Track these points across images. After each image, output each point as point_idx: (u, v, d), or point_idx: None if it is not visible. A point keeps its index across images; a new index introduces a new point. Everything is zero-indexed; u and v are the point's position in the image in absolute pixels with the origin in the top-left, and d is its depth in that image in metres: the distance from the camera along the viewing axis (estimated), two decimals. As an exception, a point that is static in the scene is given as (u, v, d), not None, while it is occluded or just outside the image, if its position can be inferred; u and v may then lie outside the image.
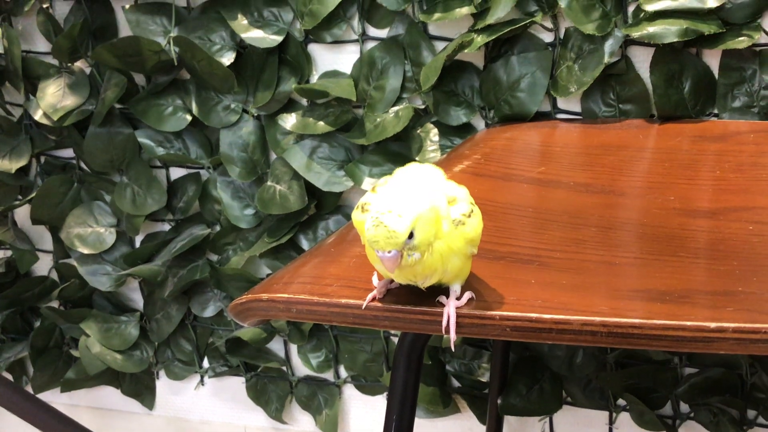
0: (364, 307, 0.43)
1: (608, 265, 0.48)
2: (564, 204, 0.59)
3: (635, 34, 0.72)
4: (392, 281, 0.44)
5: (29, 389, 1.05)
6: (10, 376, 1.06)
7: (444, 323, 0.42)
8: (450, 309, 0.42)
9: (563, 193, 0.61)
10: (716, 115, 0.76)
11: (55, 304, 1.03)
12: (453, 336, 0.42)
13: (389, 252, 0.38)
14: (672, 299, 0.42)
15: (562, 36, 0.77)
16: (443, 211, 0.41)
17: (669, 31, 0.71)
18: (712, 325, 0.38)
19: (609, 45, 0.75)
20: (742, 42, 0.71)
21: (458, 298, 0.43)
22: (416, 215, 0.38)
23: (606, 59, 0.75)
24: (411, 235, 0.38)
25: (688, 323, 0.38)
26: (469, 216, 0.42)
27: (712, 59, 0.75)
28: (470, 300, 0.43)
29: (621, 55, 0.76)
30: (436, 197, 0.41)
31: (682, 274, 0.46)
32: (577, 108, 0.79)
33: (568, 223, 0.56)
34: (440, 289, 0.43)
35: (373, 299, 0.44)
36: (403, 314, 0.42)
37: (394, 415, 0.53)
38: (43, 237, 1.02)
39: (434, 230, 0.40)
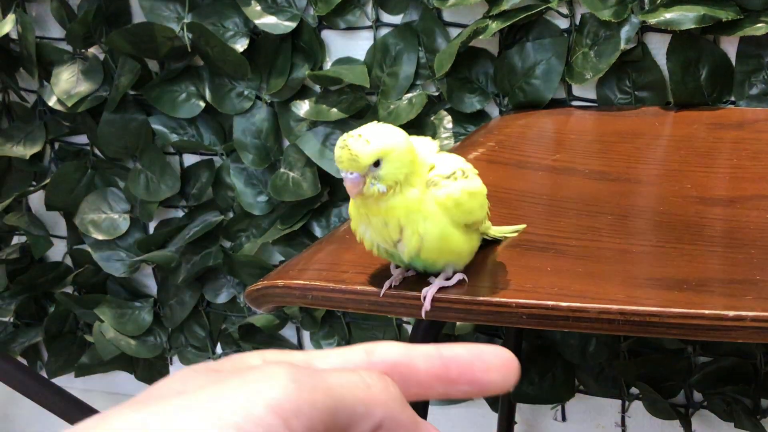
0: (382, 294, 0.43)
1: (624, 253, 0.48)
2: (579, 191, 0.59)
3: (652, 20, 0.72)
4: (408, 269, 0.44)
5: (44, 374, 1.06)
6: (24, 361, 1.07)
7: (422, 297, 0.42)
8: (432, 286, 0.43)
9: (578, 180, 0.61)
10: (733, 103, 0.75)
11: (69, 289, 1.03)
12: (427, 306, 0.42)
13: (351, 173, 0.38)
14: (689, 287, 0.42)
15: (577, 22, 0.77)
16: (424, 165, 0.41)
17: (686, 17, 0.70)
18: (731, 313, 0.38)
19: (625, 31, 0.74)
20: (760, 29, 0.70)
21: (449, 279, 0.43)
22: (386, 145, 0.39)
23: (622, 46, 0.74)
24: (378, 164, 0.39)
25: (707, 312, 0.38)
26: (450, 179, 0.41)
27: (730, 46, 0.75)
28: (461, 282, 0.43)
29: (637, 42, 0.76)
30: (420, 151, 0.41)
31: (700, 263, 0.46)
32: (593, 95, 0.79)
33: (584, 210, 0.55)
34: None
35: (390, 287, 0.43)
36: (419, 301, 0.42)
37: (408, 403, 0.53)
38: (57, 223, 1.03)
39: (407, 170, 0.39)
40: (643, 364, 0.83)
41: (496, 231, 0.49)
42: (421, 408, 0.54)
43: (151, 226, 0.98)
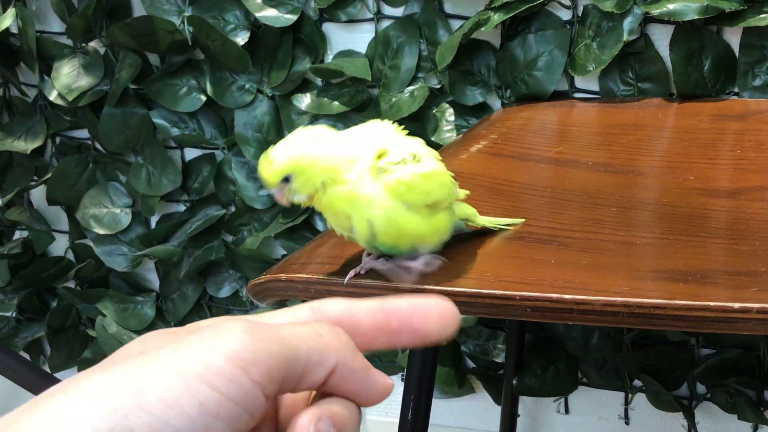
0: (345, 282, 0.44)
1: (628, 246, 0.48)
2: (582, 184, 0.58)
3: (655, 11, 0.71)
4: (379, 257, 0.44)
5: (46, 368, 1.06)
6: (27, 356, 1.07)
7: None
8: (368, 259, 0.45)
9: (581, 172, 0.61)
10: (737, 94, 0.75)
11: (71, 284, 1.03)
12: (349, 275, 0.44)
13: (273, 189, 0.42)
14: (694, 279, 0.42)
15: (580, 13, 0.76)
16: (362, 159, 0.42)
17: (689, 8, 0.70)
18: (736, 305, 0.38)
19: (628, 22, 0.74)
20: (763, 19, 0.70)
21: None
22: (288, 163, 0.41)
23: (625, 37, 0.74)
24: (288, 179, 0.42)
25: (712, 304, 0.38)
26: (400, 164, 0.42)
27: (733, 37, 0.74)
28: (429, 264, 0.44)
29: (640, 33, 0.75)
30: (345, 147, 0.42)
31: (704, 255, 0.46)
32: (595, 87, 0.78)
33: (587, 203, 0.55)
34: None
35: (357, 274, 0.44)
36: (423, 294, 0.42)
37: (412, 396, 0.53)
38: (59, 217, 1.02)
39: (322, 177, 0.42)
40: (647, 357, 0.82)
41: (486, 221, 0.48)
42: (425, 400, 0.54)
43: (153, 221, 0.98)
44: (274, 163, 0.41)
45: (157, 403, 0.23)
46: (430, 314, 0.29)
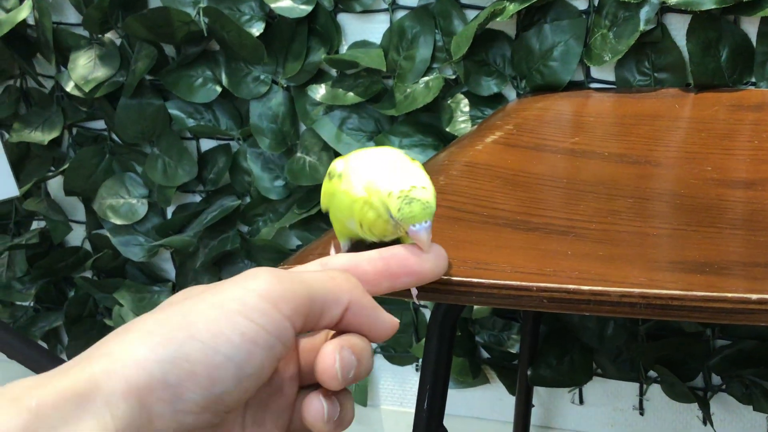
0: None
1: (645, 236, 0.48)
2: (598, 175, 0.58)
3: (672, 1, 0.71)
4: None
5: (64, 357, 1.07)
6: (45, 345, 1.08)
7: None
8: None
9: (597, 163, 0.60)
10: (754, 84, 0.74)
11: (88, 274, 1.04)
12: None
13: (425, 222, 0.37)
14: (711, 271, 0.41)
15: (596, 3, 0.76)
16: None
17: (707, -3, 0.70)
18: (754, 296, 0.37)
19: (644, 12, 0.73)
20: (782, 8, 0.69)
21: None
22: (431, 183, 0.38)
23: (641, 27, 0.73)
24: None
25: (729, 295, 0.38)
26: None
27: (751, 26, 0.74)
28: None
29: (657, 23, 0.75)
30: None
31: (721, 246, 0.46)
32: (611, 77, 0.78)
33: (603, 193, 0.55)
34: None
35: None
36: (439, 285, 0.42)
37: (428, 386, 0.53)
38: (76, 208, 1.03)
39: None
40: (662, 348, 0.82)
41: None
42: (440, 390, 0.54)
43: (169, 211, 0.98)
44: (428, 186, 0.37)
45: (206, 333, 0.27)
46: (425, 255, 0.34)
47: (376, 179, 0.39)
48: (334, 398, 0.31)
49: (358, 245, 0.42)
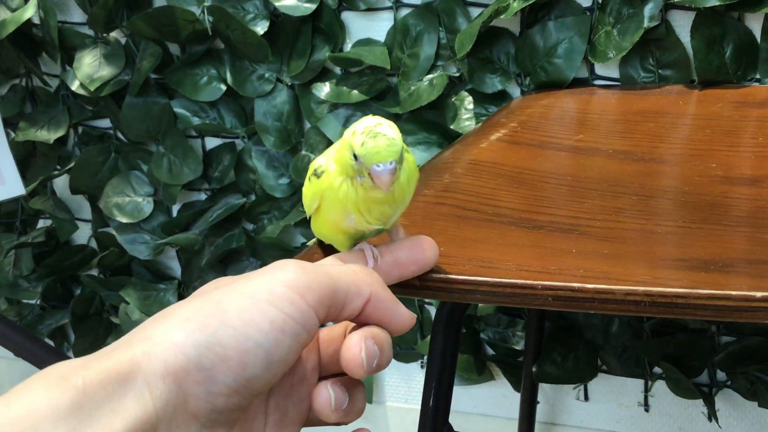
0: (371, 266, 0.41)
1: (649, 234, 0.48)
2: (603, 172, 0.58)
3: (676, -3, 0.71)
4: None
5: (71, 355, 1.07)
6: (52, 343, 1.09)
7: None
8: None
9: (602, 160, 0.60)
10: (758, 81, 0.74)
11: (95, 272, 1.05)
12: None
13: (390, 163, 0.34)
14: (716, 268, 0.42)
15: (600, 0, 0.76)
16: None
17: (711, -6, 0.69)
18: (758, 294, 0.38)
19: (649, 9, 0.73)
20: (787, 5, 0.69)
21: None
22: (400, 139, 0.35)
23: (646, 24, 0.73)
24: (401, 158, 0.36)
25: (734, 293, 0.38)
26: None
27: (755, 23, 0.74)
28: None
29: (661, 20, 0.75)
30: None
31: (726, 243, 0.46)
32: (616, 74, 0.78)
33: (608, 191, 0.55)
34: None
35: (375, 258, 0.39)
36: (445, 283, 0.42)
37: (433, 383, 0.53)
38: (82, 206, 1.04)
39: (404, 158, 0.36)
40: (667, 344, 0.82)
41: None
42: (446, 387, 0.55)
43: (175, 209, 0.99)
44: (393, 127, 0.35)
45: (238, 321, 0.28)
46: (424, 245, 0.37)
47: (329, 162, 0.38)
48: (344, 388, 0.32)
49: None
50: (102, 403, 0.26)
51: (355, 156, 0.35)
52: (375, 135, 0.35)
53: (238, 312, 0.28)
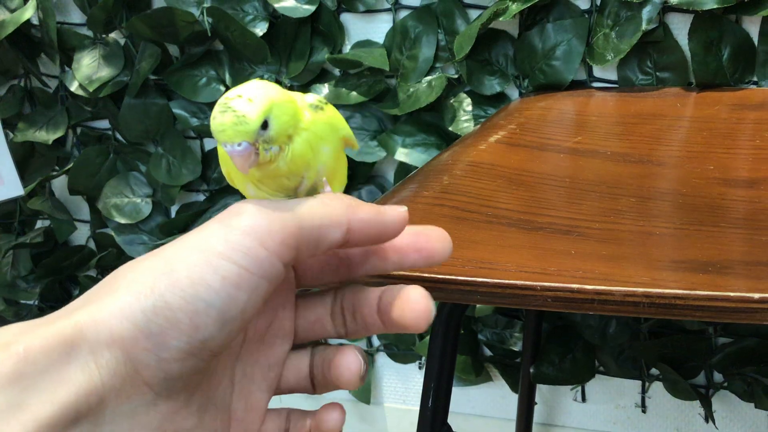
0: None
1: (648, 236, 0.48)
2: (601, 174, 0.59)
3: (673, 0, 0.71)
4: None
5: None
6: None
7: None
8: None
9: (600, 162, 0.61)
10: (756, 83, 0.74)
11: (93, 272, 1.05)
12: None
13: (239, 145, 0.30)
14: (714, 270, 0.42)
15: (598, 2, 0.76)
16: (299, 100, 0.34)
17: (709, -3, 0.70)
18: (756, 296, 0.38)
19: (647, 12, 0.74)
20: (784, 8, 0.70)
21: None
22: (270, 99, 0.31)
23: (644, 26, 0.73)
24: (265, 125, 0.31)
25: (732, 294, 0.38)
26: (326, 104, 0.35)
27: (752, 26, 0.74)
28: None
29: (659, 22, 0.75)
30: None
31: (724, 245, 0.46)
32: (614, 76, 0.78)
33: (606, 193, 0.55)
34: None
35: None
36: (445, 284, 0.42)
37: (432, 384, 0.53)
38: (80, 207, 1.04)
39: (294, 120, 0.32)
40: (664, 345, 0.83)
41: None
42: (444, 388, 0.55)
43: (173, 210, 0.99)
44: (255, 101, 0.31)
45: (186, 281, 0.26)
46: (432, 236, 0.32)
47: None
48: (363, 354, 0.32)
49: None
50: (45, 372, 0.25)
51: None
52: (225, 110, 0.30)
53: (188, 269, 0.26)
